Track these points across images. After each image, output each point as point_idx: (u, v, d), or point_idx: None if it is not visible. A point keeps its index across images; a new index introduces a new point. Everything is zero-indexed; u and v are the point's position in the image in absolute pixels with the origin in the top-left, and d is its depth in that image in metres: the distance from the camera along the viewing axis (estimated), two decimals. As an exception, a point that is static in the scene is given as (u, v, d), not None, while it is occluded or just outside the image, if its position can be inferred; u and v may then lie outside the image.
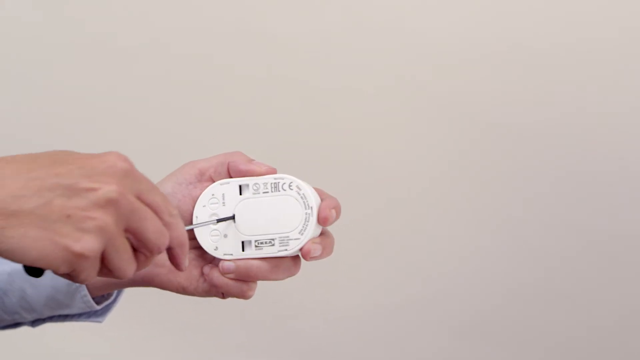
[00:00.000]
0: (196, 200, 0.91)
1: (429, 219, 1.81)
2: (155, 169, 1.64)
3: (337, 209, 0.89)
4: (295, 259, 0.90)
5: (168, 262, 0.93)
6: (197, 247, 0.93)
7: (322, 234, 0.90)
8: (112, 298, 1.03)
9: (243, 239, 0.89)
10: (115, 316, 1.06)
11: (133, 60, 1.83)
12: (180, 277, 0.93)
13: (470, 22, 1.74)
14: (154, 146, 1.84)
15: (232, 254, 0.89)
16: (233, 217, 0.89)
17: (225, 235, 0.90)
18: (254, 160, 0.92)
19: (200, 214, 0.90)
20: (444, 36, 1.75)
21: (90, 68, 1.83)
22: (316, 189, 0.90)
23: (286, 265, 0.90)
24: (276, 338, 1.87)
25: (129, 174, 0.72)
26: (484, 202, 1.78)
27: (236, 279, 0.90)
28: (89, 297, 0.99)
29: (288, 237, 0.88)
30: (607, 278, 1.76)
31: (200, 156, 0.95)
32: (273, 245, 0.88)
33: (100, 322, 1.04)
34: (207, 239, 0.90)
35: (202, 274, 0.93)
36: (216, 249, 0.90)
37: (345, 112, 1.80)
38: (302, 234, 0.88)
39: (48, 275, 0.99)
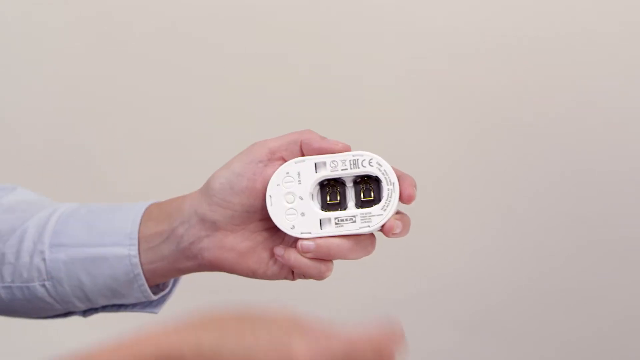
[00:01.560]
0: (267, 180, 0.90)
1: (434, 214, 1.81)
2: (160, 164, 1.63)
3: (416, 187, 0.89)
4: (371, 237, 0.90)
5: (238, 246, 0.92)
6: (265, 228, 0.93)
7: (398, 212, 0.90)
8: (168, 289, 1.02)
9: (321, 217, 0.88)
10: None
11: (135, 52, 1.82)
12: (250, 261, 0.93)
13: (480, 14, 1.74)
14: (156, 141, 1.83)
15: (310, 232, 0.88)
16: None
17: (303, 214, 0.88)
18: (326, 138, 0.91)
19: (274, 192, 0.89)
20: (449, 30, 1.75)
21: (93, 58, 1.82)
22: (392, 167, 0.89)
23: (365, 243, 0.89)
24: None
25: None
26: (490, 197, 1.78)
27: (314, 259, 0.89)
28: (147, 287, 0.97)
29: (370, 213, 0.87)
30: (613, 275, 1.77)
31: (206, 148, 0.95)
32: (354, 222, 0.87)
33: (155, 312, 1.03)
34: (283, 219, 0.89)
35: (272, 255, 0.92)
36: (293, 227, 0.89)
37: (347, 106, 1.80)
38: (385, 210, 0.87)
39: (106, 264, 0.99)
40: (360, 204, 0.88)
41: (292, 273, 0.93)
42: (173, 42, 1.81)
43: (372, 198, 0.88)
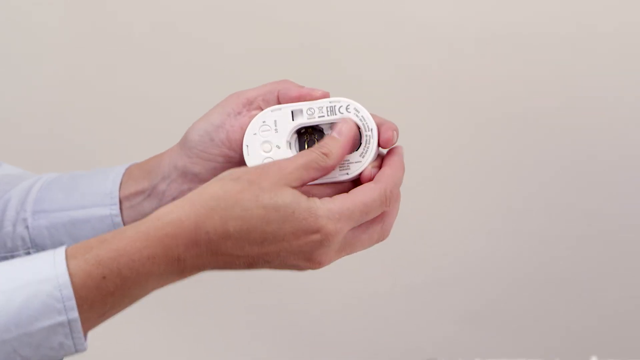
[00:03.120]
0: (245, 129, 0.88)
1: (433, 207, 1.80)
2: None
3: (397, 131, 0.87)
4: (351, 185, 0.88)
5: None
6: None
7: (378, 157, 0.88)
8: None
9: None
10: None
11: (135, 48, 1.82)
12: None
13: (478, 8, 1.73)
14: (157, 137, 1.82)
15: None
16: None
17: None
18: (304, 86, 0.89)
19: (251, 142, 0.87)
20: (446, 24, 1.75)
21: (93, 55, 1.82)
22: (371, 114, 0.88)
23: (343, 190, 0.86)
24: (280, 323, 1.85)
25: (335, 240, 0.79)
26: (489, 191, 1.77)
27: None
28: None
29: (348, 160, 0.85)
30: (612, 268, 1.75)
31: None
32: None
33: None
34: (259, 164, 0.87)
35: None
36: None
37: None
38: (363, 157, 0.85)
39: (88, 226, 0.97)
40: None
41: None
42: (173, 39, 1.81)
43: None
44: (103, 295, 0.76)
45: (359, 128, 0.86)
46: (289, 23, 1.78)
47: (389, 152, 0.86)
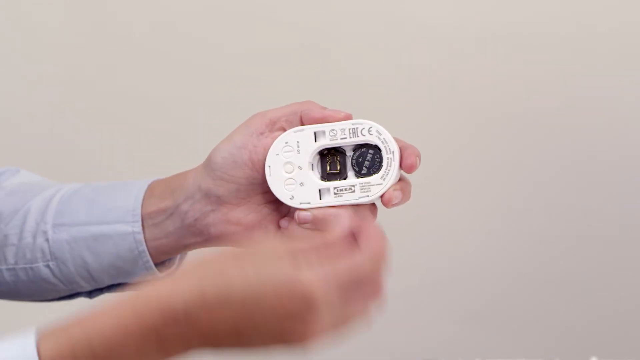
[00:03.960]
0: (268, 150, 0.88)
1: (433, 207, 1.80)
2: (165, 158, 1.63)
3: (420, 157, 0.88)
4: (372, 207, 0.89)
5: (243, 220, 0.91)
6: (270, 200, 0.91)
7: (399, 180, 0.89)
8: (174, 265, 1.01)
9: (320, 187, 0.87)
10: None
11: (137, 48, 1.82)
12: (256, 234, 0.91)
13: (479, 8, 1.74)
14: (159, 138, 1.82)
15: (309, 203, 0.87)
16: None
17: (302, 184, 0.87)
18: (327, 107, 0.90)
19: (273, 162, 0.88)
20: (446, 24, 1.75)
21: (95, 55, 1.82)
22: (394, 137, 0.88)
23: (364, 213, 0.87)
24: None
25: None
26: (489, 191, 1.77)
27: (315, 229, 0.88)
28: (152, 264, 0.96)
29: (369, 182, 0.86)
30: (611, 268, 1.75)
31: (208, 144, 0.94)
32: (354, 192, 0.86)
33: None
34: (282, 189, 0.87)
35: (278, 228, 0.91)
36: (292, 198, 0.87)
37: (346, 101, 1.80)
38: (384, 180, 0.86)
39: (109, 242, 0.98)
40: (360, 174, 0.87)
41: None
42: (173, 39, 1.81)
43: (370, 167, 0.87)
44: None
45: (380, 150, 0.87)
46: (289, 23, 1.79)
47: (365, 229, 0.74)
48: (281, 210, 0.92)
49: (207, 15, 1.79)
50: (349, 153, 0.88)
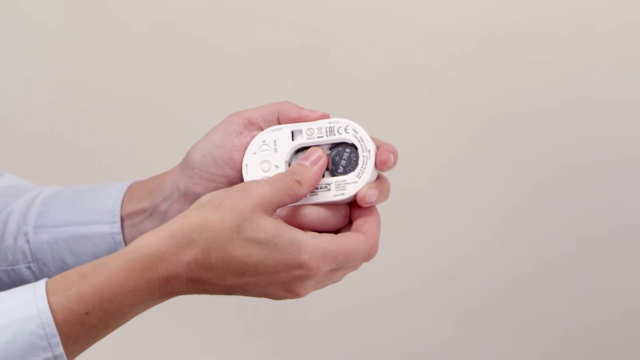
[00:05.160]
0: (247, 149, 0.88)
1: (432, 209, 1.79)
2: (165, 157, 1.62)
3: (395, 154, 0.87)
4: (347, 206, 0.88)
5: None
6: None
7: (377, 178, 0.88)
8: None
9: None
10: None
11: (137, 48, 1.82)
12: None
13: (479, 8, 1.73)
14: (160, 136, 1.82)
15: None
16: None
17: None
18: (304, 107, 0.90)
19: (251, 161, 0.88)
20: (446, 24, 1.74)
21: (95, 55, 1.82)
22: (372, 137, 0.88)
23: (338, 212, 0.86)
24: (279, 325, 1.85)
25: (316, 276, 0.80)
26: (488, 193, 1.77)
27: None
28: None
29: (345, 180, 0.85)
30: (611, 269, 1.74)
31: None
32: (329, 189, 0.85)
33: None
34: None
35: None
36: None
37: (345, 103, 1.79)
38: (359, 178, 0.85)
39: (89, 243, 0.98)
40: (336, 172, 0.86)
41: None
42: (173, 39, 1.81)
43: (347, 166, 0.87)
44: (87, 329, 0.76)
45: (356, 149, 0.86)
46: (289, 23, 1.78)
47: (371, 208, 0.86)
48: None
49: (207, 15, 1.79)
50: (326, 152, 0.87)
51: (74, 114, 1.83)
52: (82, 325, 0.76)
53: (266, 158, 0.87)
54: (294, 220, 0.85)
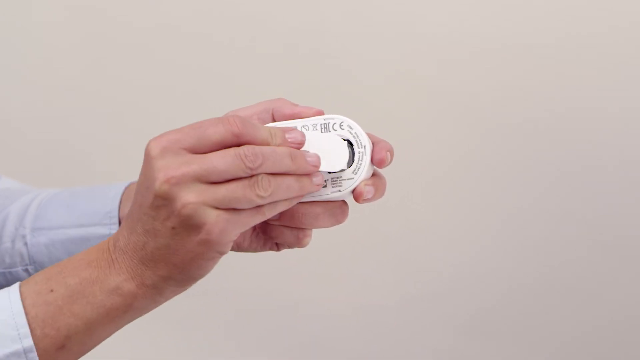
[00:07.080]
0: None
1: (430, 215, 1.79)
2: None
3: (392, 152, 0.86)
4: (343, 205, 0.86)
5: None
6: None
7: (373, 175, 0.87)
8: None
9: None
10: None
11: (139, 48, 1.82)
12: None
13: (475, 17, 1.72)
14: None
15: None
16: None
17: None
18: (298, 104, 0.89)
19: None
20: (446, 31, 1.74)
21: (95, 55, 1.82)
22: (367, 133, 0.87)
23: (334, 210, 0.85)
24: (279, 331, 1.85)
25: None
26: (487, 199, 1.76)
27: (289, 226, 0.86)
28: None
29: (341, 177, 0.85)
30: (612, 275, 1.74)
31: None
32: (325, 186, 0.85)
33: None
34: None
35: (255, 227, 0.90)
36: None
37: (344, 108, 1.78)
38: (355, 174, 0.84)
39: (87, 244, 0.97)
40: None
41: (276, 245, 0.90)
42: (173, 40, 1.81)
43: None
44: (53, 312, 0.75)
45: (352, 145, 0.85)
46: (288, 25, 1.78)
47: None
48: None
49: (207, 16, 1.79)
50: None
51: (71, 116, 1.84)
52: (47, 305, 0.74)
53: None
54: (292, 219, 0.84)
